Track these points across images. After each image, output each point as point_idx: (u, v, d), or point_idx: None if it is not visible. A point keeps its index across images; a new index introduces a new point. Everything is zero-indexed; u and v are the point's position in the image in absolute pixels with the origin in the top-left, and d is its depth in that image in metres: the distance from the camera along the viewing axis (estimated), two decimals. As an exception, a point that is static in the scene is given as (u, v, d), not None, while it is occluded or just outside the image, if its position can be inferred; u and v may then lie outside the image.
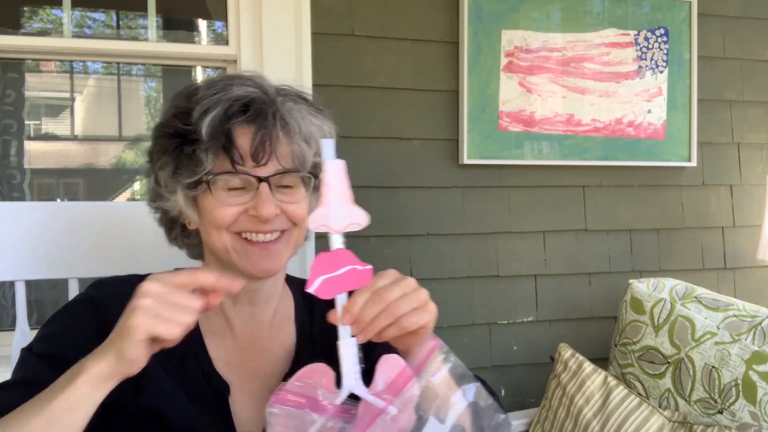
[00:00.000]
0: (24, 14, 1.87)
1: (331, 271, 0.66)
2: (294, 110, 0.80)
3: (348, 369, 0.65)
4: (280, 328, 0.90)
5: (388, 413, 0.64)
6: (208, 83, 0.80)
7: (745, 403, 1.33)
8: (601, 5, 1.86)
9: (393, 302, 0.66)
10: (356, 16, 1.71)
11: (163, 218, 0.88)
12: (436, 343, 0.69)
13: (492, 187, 1.81)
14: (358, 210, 0.69)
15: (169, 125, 0.79)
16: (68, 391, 0.61)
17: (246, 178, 0.77)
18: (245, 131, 0.77)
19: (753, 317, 1.42)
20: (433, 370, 0.67)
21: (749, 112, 2.05)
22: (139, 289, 0.63)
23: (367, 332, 0.66)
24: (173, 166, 0.78)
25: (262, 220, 0.77)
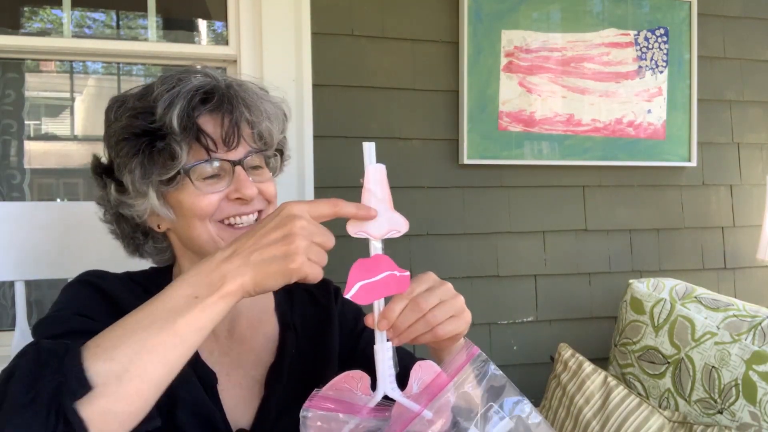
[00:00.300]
0: (24, 14, 1.87)
1: (369, 276, 0.66)
2: (250, 92, 0.83)
3: (383, 372, 0.66)
4: (260, 319, 0.92)
5: (422, 417, 0.64)
6: (161, 80, 0.80)
7: (745, 403, 1.33)
8: (601, 5, 1.86)
9: (430, 311, 0.67)
10: (356, 16, 1.71)
11: (125, 228, 0.87)
12: (473, 350, 0.69)
13: (492, 187, 1.81)
14: (399, 216, 0.67)
15: (131, 126, 0.78)
16: (199, 311, 0.61)
17: (220, 164, 0.79)
18: (212, 119, 0.79)
19: (753, 317, 1.42)
20: (470, 378, 0.67)
21: (749, 112, 2.05)
22: (291, 220, 0.62)
23: (402, 338, 0.67)
24: (143, 167, 0.78)
25: (246, 201, 0.79)
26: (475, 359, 0.68)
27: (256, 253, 0.63)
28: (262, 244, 0.63)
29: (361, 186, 0.68)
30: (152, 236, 0.87)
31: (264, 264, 0.62)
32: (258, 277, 0.62)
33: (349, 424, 0.64)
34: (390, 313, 0.66)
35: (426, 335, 0.68)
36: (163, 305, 0.61)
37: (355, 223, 0.66)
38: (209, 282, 0.62)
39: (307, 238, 0.62)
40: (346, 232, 0.67)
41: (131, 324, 0.61)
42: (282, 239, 0.62)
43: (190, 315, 0.60)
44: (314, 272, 0.63)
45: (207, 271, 0.63)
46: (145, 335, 0.59)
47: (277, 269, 0.62)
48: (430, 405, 0.65)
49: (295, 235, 0.62)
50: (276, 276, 0.62)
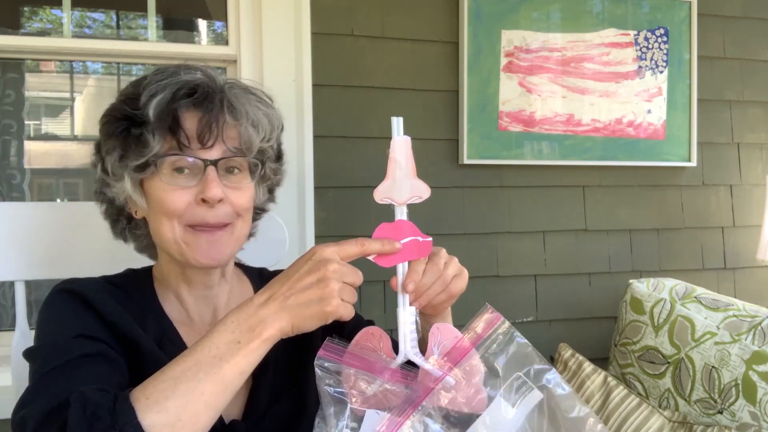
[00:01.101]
0: (24, 14, 1.87)
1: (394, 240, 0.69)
2: (241, 96, 0.82)
3: (405, 336, 0.68)
4: None
5: (445, 382, 0.65)
6: (157, 70, 0.81)
7: (745, 403, 1.33)
8: (601, 5, 1.86)
9: (443, 269, 0.72)
10: (356, 16, 1.71)
11: (109, 209, 0.88)
12: (495, 317, 0.70)
13: (492, 187, 1.81)
14: (421, 183, 0.71)
15: (116, 110, 0.80)
16: (241, 357, 0.64)
17: (193, 161, 0.78)
18: (192, 114, 0.79)
19: (753, 317, 1.42)
20: (494, 345, 0.68)
21: (749, 112, 2.05)
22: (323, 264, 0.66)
23: (422, 300, 0.71)
24: (120, 150, 0.79)
25: (210, 204, 0.79)
26: (499, 326, 0.69)
27: (292, 297, 0.66)
28: (298, 289, 0.66)
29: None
30: (132, 221, 0.88)
31: (301, 308, 0.66)
32: (295, 320, 0.66)
33: (372, 385, 0.66)
34: (415, 275, 0.70)
35: (441, 295, 0.72)
36: (208, 351, 0.64)
37: (380, 190, 0.70)
38: (249, 327, 0.65)
39: (339, 280, 0.66)
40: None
41: (178, 372, 0.62)
42: (317, 283, 0.66)
43: (233, 360, 0.63)
44: (348, 312, 0.66)
45: (246, 316, 0.66)
46: (194, 384, 0.61)
47: (314, 312, 0.65)
48: (454, 371, 0.66)
49: (329, 279, 0.65)
50: (313, 318, 0.66)
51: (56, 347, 0.73)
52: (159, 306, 0.86)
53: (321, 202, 1.68)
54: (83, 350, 0.72)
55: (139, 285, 0.88)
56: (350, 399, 0.65)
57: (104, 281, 0.86)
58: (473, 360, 0.66)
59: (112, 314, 0.78)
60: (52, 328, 0.77)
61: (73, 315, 0.78)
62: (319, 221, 1.67)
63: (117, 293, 0.83)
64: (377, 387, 0.66)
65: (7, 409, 1.06)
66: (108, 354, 0.74)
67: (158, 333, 0.83)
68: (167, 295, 0.88)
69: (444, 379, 0.65)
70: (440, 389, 0.65)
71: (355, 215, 1.69)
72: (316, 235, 1.65)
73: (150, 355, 0.78)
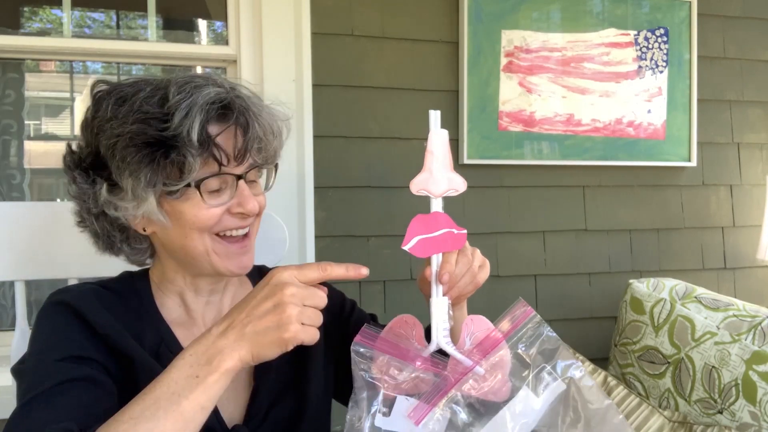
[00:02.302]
0: (24, 14, 1.87)
1: (428, 232, 0.71)
2: (258, 106, 0.82)
3: (437, 326, 0.69)
4: None
5: (475, 372, 0.67)
6: (175, 84, 0.77)
7: (745, 403, 1.33)
8: (601, 5, 1.86)
9: (473, 262, 0.74)
10: (356, 16, 1.71)
11: (104, 226, 0.84)
12: (528, 311, 0.71)
13: (492, 187, 1.81)
14: (458, 177, 0.72)
15: (143, 134, 0.74)
16: (200, 391, 0.62)
17: (223, 177, 0.79)
18: (227, 132, 0.78)
19: (753, 317, 1.42)
20: (524, 338, 0.69)
21: (749, 112, 2.05)
22: (280, 289, 0.64)
23: (453, 291, 0.73)
24: (150, 174, 0.75)
25: (247, 216, 0.81)
26: (530, 320, 0.70)
27: (249, 325, 0.64)
28: (255, 316, 0.64)
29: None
30: (132, 236, 0.85)
31: (259, 336, 0.63)
32: (254, 350, 0.64)
33: (404, 372, 0.67)
34: (449, 266, 0.71)
35: (469, 286, 0.75)
36: (167, 388, 0.62)
37: (417, 182, 0.71)
38: (207, 360, 0.63)
39: (297, 304, 0.64)
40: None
41: (138, 412, 0.61)
42: (273, 309, 0.63)
43: (192, 396, 0.62)
44: (309, 336, 0.64)
45: (204, 348, 0.64)
46: (153, 423, 0.60)
47: (272, 340, 0.63)
48: (483, 361, 0.68)
49: (285, 304, 0.63)
50: (272, 346, 0.64)
51: (40, 372, 0.72)
52: (156, 310, 0.86)
53: (321, 202, 1.67)
54: (68, 375, 0.71)
55: (135, 288, 0.87)
56: (383, 384, 0.67)
57: (99, 287, 0.84)
58: (503, 352, 0.68)
59: (105, 327, 0.77)
60: (41, 346, 0.76)
61: (63, 333, 0.76)
62: (319, 221, 1.67)
63: (112, 300, 0.82)
64: (408, 374, 0.68)
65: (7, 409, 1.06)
66: (95, 377, 0.73)
67: (155, 339, 0.83)
68: (166, 299, 0.87)
69: (474, 369, 0.67)
70: (469, 378, 0.67)
71: (355, 215, 1.69)
72: (316, 235, 1.65)
73: (144, 367, 0.77)
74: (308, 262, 0.70)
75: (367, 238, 1.68)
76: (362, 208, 1.70)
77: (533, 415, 0.66)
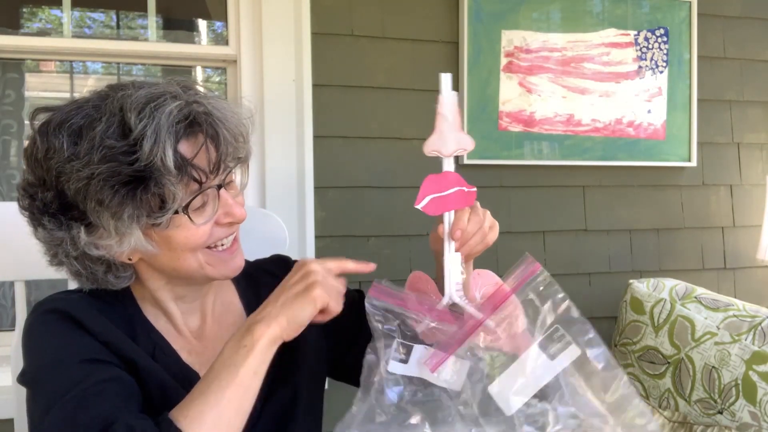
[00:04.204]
0: (24, 14, 1.87)
1: (440, 191, 0.74)
2: (221, 108, 0.78)
3: (450, 280, 0.72)
4: (226, 311, 0.93)
5: (486, 326, 0.69)
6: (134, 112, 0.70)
7: (745, 403, 1.33)
8: (601, 5, 1.86)
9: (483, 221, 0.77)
10: (356, 16, 1.71)
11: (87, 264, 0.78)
12: (535, 266, 0.73)
13: (492, 187, 1.81)
14: (466, 136, 0.75)
15: (116, 174, 0.69)
16: (251, 358, 0.69)
17: (204, 192, 0.76)
18: (194, 146, 0.74)
19: (753, 317, 1.42)
20: (531, 294, 0.71)
21: (749, 112, 2.05)
22: (306, 267, 0.75)
23: (464, 249, 0.75)
24: (132, 211, 0.71)
25: (236, 223, 0.81)
26: (538, 275, 0.72)
27: (282, 296, 0.73)
28: (286, 289, 0.74)
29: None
30: (115, 267, 0.81)
31: (290, 301, 0.72)
32: (289, 314, 0.71)
33: (421, 324, 0.70)
34: (461, 223, 0.74)
35: (479, 246, 0.77)
36: (223, 363, 0.70)
37: (429, 144, 0.74)
38: (249, 331, 0.71)
39: (321, 276, 0.74)
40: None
41: (204, 387, 0.68)
42: (301, 279, 0.74)
43: (245, 363, 0.69)
44: (334, 300, 0.74)
45: (247, 325, 0.72)
46: (220, 394, 0.67)
47: (302, 301, 0.72)
48: (493, 315, 0.70)
49: (311, 272, 0.74)
50: (303, 306, 0.72)
51: (64, 376, 0.70)
52: (145, 318, 0.85)
53: (321, 202, 1.67)
54: (98, 376, 0.70)
55: (120, 298, 0.85)
56: (399, 335, 0.71)
57: (86, 294, 0.82)
58: (513, 305, 0.70)
59: (104, 333, 0.76)
60: (51, 352, 0.74)
61: (68, 337, 0.75)
62: (319, 221, 1.66)
63: (102, 307, 0.81)
64: (425, 325, 0.70)
65: (7, 409, 1.06)
66: (122, 377, 0.73)
67: (148, 344, 0.82)
68: (151, 309, 0.86)
69: (485, 321, 0.69)
70: (482, 330, 0.69)
71: (355, 215, 1.69)
72: (316, 235, 1.65)
73: (147, 371, 0.77)
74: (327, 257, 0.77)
75: (367, 238, 1.68)
76: (362, 208, 1.70)
77: (544, 376, 0.68)
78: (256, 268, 1.00)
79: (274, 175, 1.63)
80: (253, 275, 0.98)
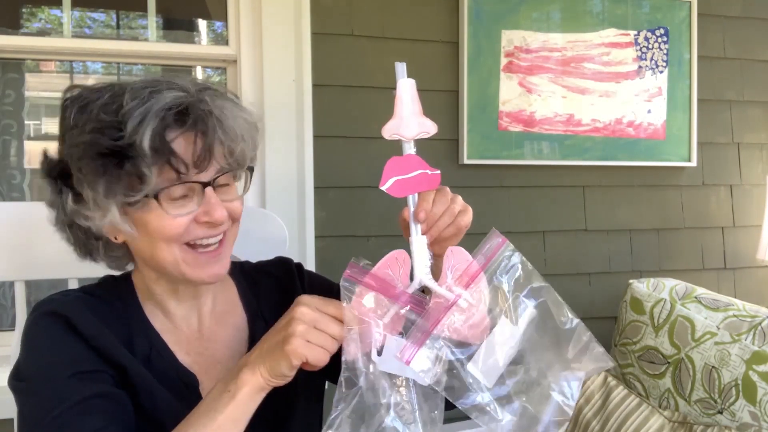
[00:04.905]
0: (24, 14, 1.87)
1: (403, 173, 0.74)
2: (225, 109, 0.78)
3: (419, 263, 0.71)
4: (227, 312, 0.92)
5: (458, 306, 0.68)
6: (130, 90, 0.74)
7: (745, 403, 1.33)
8: (601, 5, 1.86)
9: (450, 203, 0.75)
10: (356, 16, 1.71)
11: (78, 235, 0.82)
12: (502, 240, 0.73)
13: (492, 187, 1.81)
14: (428, 121, 0.76)
15: (96, 144, 0.72)
16: (232, 406, 0.69)
17: (189, 185, 0.75)
18: (184, 139, 0.74)
19: (753, 317, 1.42)
20: (499, 268, 0.71)
21: (749, 112, 2.05)
22: (293, 311, 0.70)
23: (433, 231, 0.74)
24: (107, 185, 0.72)
25: (215, 225, 0.77)
26: (504, 249, 0.72)
27: (266, 342, 0.71)
28: (271, 334, 0.71)
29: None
30: (106, 244, 0.83)
31: (270, 351, 0.70)
32: (268, 364, 0.69)
33: (390, 310, 0.69)
34: (426, 204, 0.73)
35: (449, 228, 0.75)
36: (206, 406, 0.70)
37: (389, 128, 0.74)
38: (235, 376, 0.70)
39: (306, 323, 0.68)
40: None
41: (186, 428, 0.69)
42: (283, 327, 0.70)
43: (226, 411, 0.68)
44: (314, 355, 0.68)
45: (239, 365, 0.72)
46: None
47: (279, 354, 0.68)
48: (465, 294, 0.69)
49: (294, 320, 0.69)
50: (280, 360, 0.68)
51: (51, 391, 0.71)
52: (144, 317, 0.85)
53: (321, 202, 1.67)
54: (84, 393, 0.71)
55: (120, 295, 0.85)
56: (371, 322, 0.69)
57: (84, 294, 0.83)
58: (482, 284, 0.70)
59: (97, 338, 0.76)
60: (43, 362, 0.75)
61: (64, 346, 0.75)
62: (319, 221, 1.66)
63: (99, 307, 0.81)
64: (394, 311, 0.69)
65: (7, 409, 1.06)
66: (110, 392, 0.73)
67: (145, 345, 0.82)
68: (151, 306, 0.87)
69: (456, 302, 0.69)
70: (453, 312, 0.68)
71: (355, 215, 1.69)
72: (316, 235, 1.65)
73: (137, 378, 0.77)
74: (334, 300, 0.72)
75: (367, 238, 1.68)
76: (362, 208, 1.70)
77: (513, 342, 0.69)
78: (257, 269, 1.00)
79: (274, 175, 1.63)
80: (254, 277, 0.98)
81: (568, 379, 0.70)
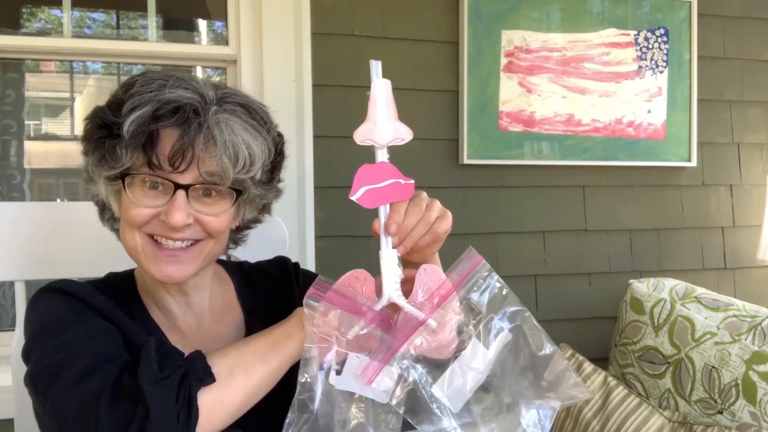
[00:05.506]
0: (24, 14, 1.87)
1: (375, 182, 0.69)
2: (225, 122, 0.76)
3: (388, 279, 0.67)
4: (224, 309, 0.93)
5: (427, 325, 0.65)
6: (147, 79, 0.77)
7: (745, 403, 1.33)
8: (601, 5, 1.86)
9: (426, 210, 0.72)
10: (356, 16, 1.71)
11: (95, 197, 0.87)
12: (477, 259, 0.69)
13: (492, 187, 1.81)
14: (403, 126, 0.70)
15: (99, 115, 0.77)
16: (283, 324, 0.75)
17: (164, 182, 0.75)
18: (169, 134, 0.74)
19: (753, 317, 1.42)
20: (474, 288, 0.68)
21: (749, 112, 2.05)
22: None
23: (407, 242, 0.70)
24: (97, 156, 0.78)
25: (172, 228, 0.76)
26: (480, 269, 0.68)
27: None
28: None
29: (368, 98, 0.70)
30: (112, 216, 0.87)
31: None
32: None
33: (354, 328, 0.65)
34: (397, 216, 0.69)
35: (425, 237, 0.71)
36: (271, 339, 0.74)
37: (361, 132, 0.70)
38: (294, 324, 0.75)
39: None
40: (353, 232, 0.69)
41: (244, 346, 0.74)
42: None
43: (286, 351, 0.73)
44: None
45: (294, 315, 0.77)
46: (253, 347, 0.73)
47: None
48: (436, 314, 0.65)
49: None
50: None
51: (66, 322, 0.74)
52: (146, 311, 0.86)
53: (321, 202, 1.67)
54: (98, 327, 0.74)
55: (122, 290, 0.86)
56: (334, 340, 0.66)
57: (88, 283, 0.85)
58: (453, 303, 0.66)
59: (106, 310, 0.78)
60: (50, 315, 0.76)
61: (71, 306, 0.77)
62: (319, 221, 1.66)
63: (105, 297, 0.82)
64: (359, 329, 0.66)
65: (7, 409, 1.06)
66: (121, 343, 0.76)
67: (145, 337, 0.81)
68: (151, 303, 0.87)
69: (426, 322, 0.65)
70: (422, 332, 0.65)
71: (355, 215, 1.69)
72: (316, 235, 1.65)
73: None
74: None
75: (367, 238, 1.68)
76: (362, 208, 1.69)
77: (484, 366, 0.66)
78: (256, 269, 1.00)
79: (274, 175, 1.63)
80: (252, 276, 0.99)
81: (540, 408, 0.67)
